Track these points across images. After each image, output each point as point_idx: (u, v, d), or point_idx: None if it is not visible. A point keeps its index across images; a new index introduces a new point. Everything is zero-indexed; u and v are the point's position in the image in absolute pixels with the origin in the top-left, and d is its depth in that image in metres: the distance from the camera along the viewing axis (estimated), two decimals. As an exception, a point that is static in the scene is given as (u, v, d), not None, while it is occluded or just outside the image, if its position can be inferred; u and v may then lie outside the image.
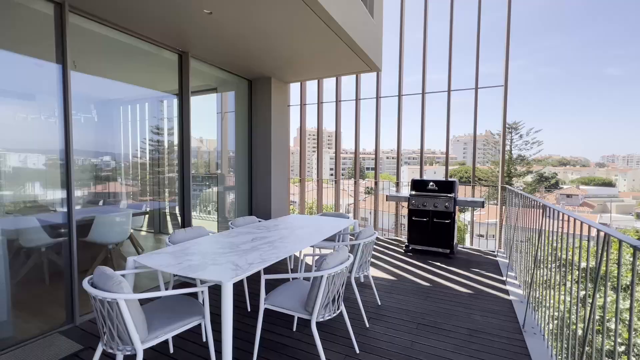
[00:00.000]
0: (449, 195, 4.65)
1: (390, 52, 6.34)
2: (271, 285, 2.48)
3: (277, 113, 4.89)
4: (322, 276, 1.88)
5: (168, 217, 4.60)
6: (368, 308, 2.98)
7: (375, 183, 6.53)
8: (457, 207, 4.72)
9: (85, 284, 1.62)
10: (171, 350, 2.28)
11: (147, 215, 4.43)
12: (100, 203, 3.68)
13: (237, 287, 3.26)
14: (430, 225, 4.71)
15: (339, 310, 2.13)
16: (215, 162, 4.81)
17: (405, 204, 5.34)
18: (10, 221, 2.65)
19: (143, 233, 4.34)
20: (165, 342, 2.30)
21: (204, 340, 2.41)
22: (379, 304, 3.08)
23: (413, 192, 4.92)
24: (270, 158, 4.78)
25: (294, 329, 2.59)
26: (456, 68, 5.63)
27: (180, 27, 3.07)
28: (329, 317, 2.05)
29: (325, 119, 6.94)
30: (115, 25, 2.98)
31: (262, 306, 2.06)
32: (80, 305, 2.76)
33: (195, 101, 3.97)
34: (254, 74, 4.61)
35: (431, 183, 4.83)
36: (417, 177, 5.16)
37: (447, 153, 5.91)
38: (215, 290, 3.13)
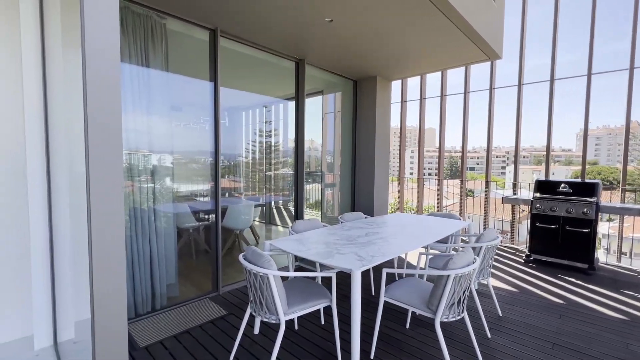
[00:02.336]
0: (588, 199, 3.90)
1: (507, 35, 5.64)
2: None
3: (381, 111, 4.91)
4: (448, 275, 1.84)
5: (276, 210, 5.15)
6: (487, 318, 2.75)
7: (487, 183, 5.92)
8: (599, 214, 3.93)
9: (241, 259, 1.97)
10: (296, 327, 2.55)
11: (262, 208, 5.07)
12: (226, 195, 4.34)
13: (343, 279, 3.42)
14: (561, 233, 4.03)
15: (464, 314, 2.04)
16: (319, 161, 5.13)
17: (525, 207, 4.71)
18: (172, 206, 3.37)
19: (257, 223, 4.94)
20: (291, 319, 2.59)
21: (322, 323, 2.63)
22: (500, 315, 2.81)
23: (538, 195, 4.29)
24: (374, 156, 4.84)
25: (407, 326, 2.58)
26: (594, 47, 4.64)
27: (300, 37, 3.38)
28: (453, 319, 1.98)
29: (414, 115, 6.63)
30: (245, 41, 3.46)
31: (382, 298, 2.13)
32: (222, 278, 3.33)
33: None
34: (360, 74, 4.73)
35: (563, 185, 4.13)
36: (542, 178, 4.48)
37: (584, 150, 4.94)
38: (332, 279, 3.35)
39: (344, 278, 3.53)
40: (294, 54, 3.90)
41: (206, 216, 4.23)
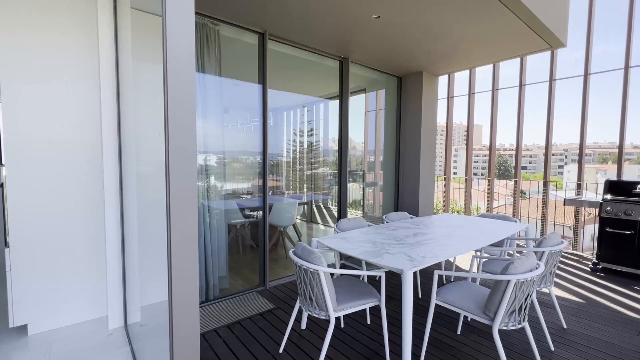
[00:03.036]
0: (673, 202, 3.42)
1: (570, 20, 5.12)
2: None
3: (427, 108, 4.74)
4: (509, 281, 1.72)
5: (316, 209, 5.21)
6: (550, 329, 2.54)
7: (545, 183, 5.45)
8: (688, 219, 3.43)
9: (292, 254, 2.02)
10: (342, 325, 2.56)
11: (304, 206, 5.17)
12: (270, 193, 4.48)
13: (387, 279, 3.36)
14: (638, 240, 3.58)
15: (524, 323, 1.90)
16: (358, 160, 5.10)
17: (590, 210, 4.25)
18: (222, 203, 3.55)
19: (298, 221, 5.03)
20: (337, 317, 2.61)
21: (368, 322, 2.61)
22: (564, 326, 2.58)
23: (608, 197, 3.85)
24: (420, 154, 4.69)
25: (459, 332, 2.47)
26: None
27: (346, 36, 3.37)
28: (513, 328, 1.86)
29: (462, 112, 6.27)
30: (291, 43, 3.54)
31: (434, 301, 2.06)
32: (269, 273, 3.45)
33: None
34: (405, 70, 4.61)
35: (640, 185, 3.67)
36: (613, 178, 4.02)
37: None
38: (381, 278, 3.32)
39: (388, 278, 3.47)
40: (339, 53, 3.91)
41: (252, 213, 4.41)
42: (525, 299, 1.84)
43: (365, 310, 2.72)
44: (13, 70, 2.23)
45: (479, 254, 2.71)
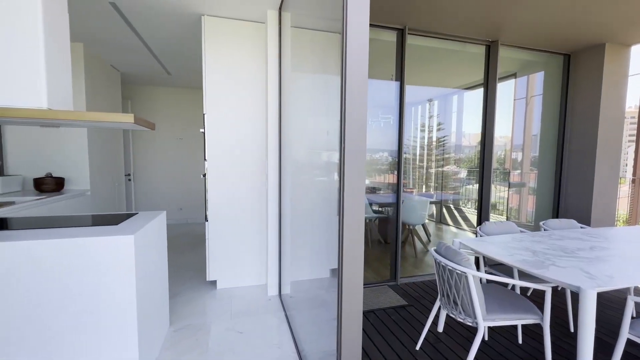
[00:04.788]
0: None
1: None
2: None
3: (610, 90, 3.70)
4: None
5: (445, 209, 4.83)
6: None
7: None
8: None
9: (434, 253, 1.97)
10: (486, 338, 2.33)
11: (434, 206, 4.90)
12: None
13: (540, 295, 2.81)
14: None
15: None
16: (500, 156, 4.44)
17: None
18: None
19: (426, 220, 4.78)
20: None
21: (519, 342, 2.28)
22: None
23: None
24: (595, 150, 3.72)
25: (662, 384, 1.87)
26: None
27: (496, 15, 2.99)
28: None
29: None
30: (431, 34, 3.37)
31: (625, 335, 1.63)
32: (400, 270, 3.45)
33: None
34: (576, 44, 3.72)
35: None
36: None
37: None
38: (546, 293, 2.88)
39: (538, 295, 2.92)
40: (486, 36, 3.50)
41: (381, 209, 4.49)
42: None
43: (516, 326, 2.39)
44: (214, 87, 2.98)
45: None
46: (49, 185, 3.23)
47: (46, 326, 1.52)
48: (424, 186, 4.65)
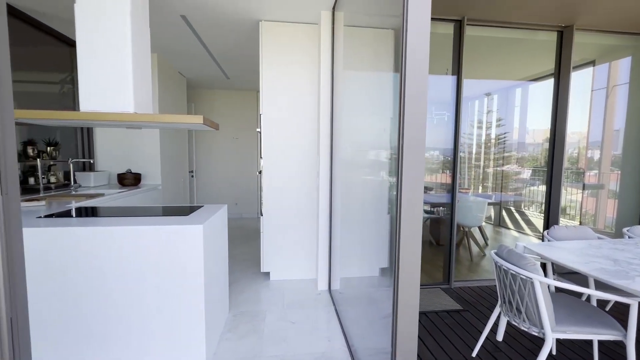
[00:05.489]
0: None
1: None
2: None
3: None
4: None
5: (505, 211, 4.47)
6: None
7: None
8: None
9: (495, 256, 1.86)
10: (554, 352, 2.14)
11: (492, 207, 4.57)
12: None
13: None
14: None
15: None
16: (572, 154, 4.00)
17: None
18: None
19: (483, 223, 4.48)
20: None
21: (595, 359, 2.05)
22: None
23: None
24: (698, 146, 3.17)
25: None
26: None
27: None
28: None
29: None
30: (494, 23, 3.15)
31: None
32: (454, 273, 3.31)
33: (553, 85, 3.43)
34: (674, 24, 3.20)
35: None
36: None
37: None
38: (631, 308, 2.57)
39: (621, 309, 2.58)
40: (558, 22, 3.18)
41: (432, 209, 4.32)
42: None
43: (590, 342, 2.16)
44: (270, 88, 3.13)
45: None
46: (129, 179, 3.68)
47: (125, 302, 1.75)
48: (480, 186, 4.37)
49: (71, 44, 3.38)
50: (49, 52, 3.20)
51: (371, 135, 3.24)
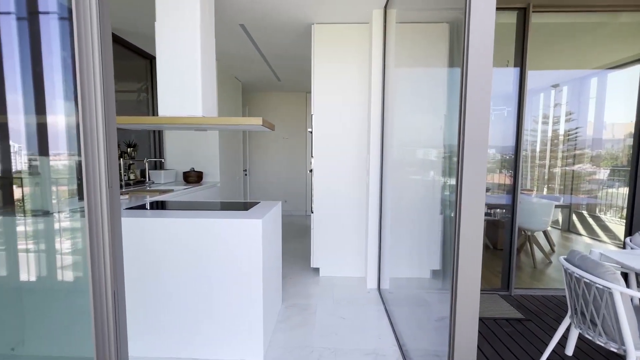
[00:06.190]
0: None
1: None
2: None
3: None
4: None
5: (575, 215, 4.02)
6: None
7: None
8: None
9: (565, 263, 1.71)
10: (637, 373, 1.90)
11: (560, 210, 4.14)
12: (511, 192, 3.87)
13: None
14: None
15: None
16: None
17: None
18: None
19: (549, 227, 4.08)
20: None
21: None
22: None
23: None
24: None
25: None
26: None
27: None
28: None
29: None
30: (566, 8, 2.87)
31: None
32: (515, 280, 3.09)
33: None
34: None
35: None
36: None
37: None
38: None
39: None
40: (646, 0, 2.79)
41: (489, 211, 4.05)
42: None
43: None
44: (321, 89, 3.21)
45: None
46: (193, 177, 4.04)
47: (192, 288, 1.94)
48: (544, 187, 4.00)
49: (146, 56, 3.80)
50: (129, 64, 3.65)
51: (423, 133, 3.15)
